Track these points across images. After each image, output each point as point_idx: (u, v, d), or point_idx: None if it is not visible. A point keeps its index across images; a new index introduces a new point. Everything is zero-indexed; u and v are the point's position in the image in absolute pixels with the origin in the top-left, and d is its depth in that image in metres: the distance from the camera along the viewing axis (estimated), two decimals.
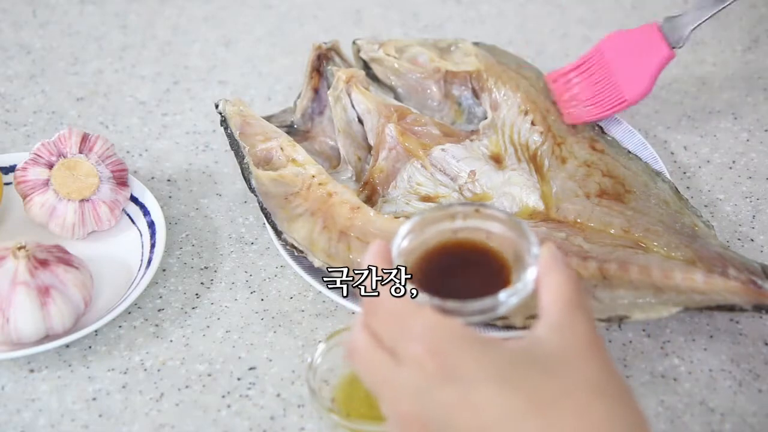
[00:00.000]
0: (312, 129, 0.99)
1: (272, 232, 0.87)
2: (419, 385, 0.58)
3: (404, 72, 1.01)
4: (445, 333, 0.59)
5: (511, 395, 0.57)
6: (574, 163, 0.91)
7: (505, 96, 0.97)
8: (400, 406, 0.59)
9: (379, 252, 0.65)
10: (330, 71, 0.97)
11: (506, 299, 0.63)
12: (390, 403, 0.60)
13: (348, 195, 0.87)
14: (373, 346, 0.61)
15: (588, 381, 0.58)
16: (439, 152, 0.92)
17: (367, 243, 0.83)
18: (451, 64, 1.00)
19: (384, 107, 0.94)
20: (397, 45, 1.03)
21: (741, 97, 1.07)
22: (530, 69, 1.01)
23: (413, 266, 0.67)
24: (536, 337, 0.60)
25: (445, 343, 0.59)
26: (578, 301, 0.61)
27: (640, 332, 0.82)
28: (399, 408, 0.59)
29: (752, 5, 1.22)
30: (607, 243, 0.83)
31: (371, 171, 0.92)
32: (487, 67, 0.99)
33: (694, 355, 0.81)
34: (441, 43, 1.04)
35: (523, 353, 0.59)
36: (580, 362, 0.59)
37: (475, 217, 0.68)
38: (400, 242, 0.67)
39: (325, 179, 0.88)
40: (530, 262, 0.64)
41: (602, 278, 0.80)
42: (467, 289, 0.65)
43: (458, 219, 0.69)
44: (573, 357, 0.59)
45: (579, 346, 0.59)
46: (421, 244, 0.68)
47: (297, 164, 0.90)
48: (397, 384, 0.59)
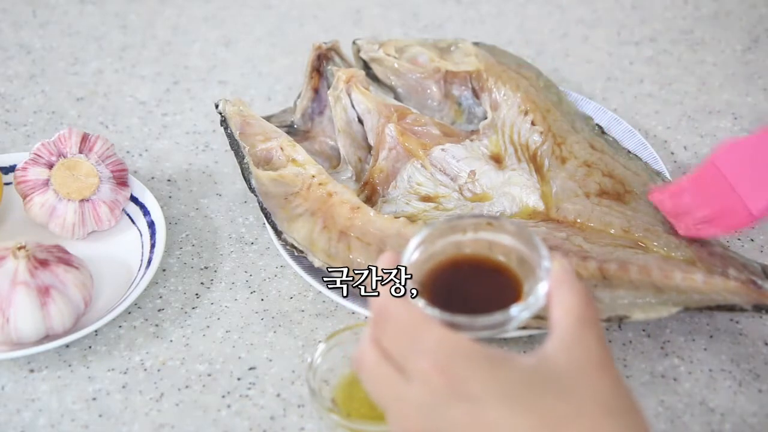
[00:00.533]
0: (312, 129, 0.99)
1: (272, 232, 0.87)
2: (427, 402, 0.58)
3: (404, 72, 1.01)
4: (454, 349, 0.58)
5: (522, 415, 0.56)
6: (574, 163, 0.91)
7: (505, 96, 0.97)
8: (407, 422, 0.59)
9: (389, 263, 0.64)
10: (330, 71, 0.97)
11: (518, 314, 0.62)
12: (397, 419, 0.60)
13: (348, 195, 0.87)
14: (381, 361, 0.60)
15: (598, 400, 0.58)
16: (439, 152, 0.92)
17: (367, 243, 0.83)
18: (451, 64, 1.00)
19: (384, 107, 0.94)
20: (397, 45, 1.03)
21: (741, 97, 1.07)
22: (530, 69, 1.01)
23: (423, 279, 0.66)
24: (546, 355, 0.59)
25: (454, 359, 0.58)
26: (589, 318, 0.60)
27: (640, 332, 0.82)
28: (406, 424, 0.59)
29: (752, 5, 1.22)
30: (607, 243, 0.83)
31: (371, 171, 0.92)
32: (487, 67, 0.99)
33: (694, 355, 0.81)
34: (441, 43, 1.04)
35: (533, 372, 0.58)
36: (590, 381, 0.58)
37: (487, 229, 0.68)
38: (411, 255, 0.66)
39: (325, 179, 0.88)
40: (542, 276, 0.63)
41: (602, 278, 0.80)
42: (477, 303, 0.64)
43: (469, 232, 0.68)
44: (583, 375, 0.58)
45: (589, 364, 0.59)
46: (432, 256, 0.67)
47: (297, 164, 0.90)
48: (404, 400, 0.59)
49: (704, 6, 1.23)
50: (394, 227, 0.84)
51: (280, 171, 0.89)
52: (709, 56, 1.14)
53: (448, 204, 0.90)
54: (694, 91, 1.09)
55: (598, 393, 0.58)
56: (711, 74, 1.11)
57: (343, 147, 0.95)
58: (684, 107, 1.07)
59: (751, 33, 1.17)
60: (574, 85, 1.10)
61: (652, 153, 0.95)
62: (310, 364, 0.73)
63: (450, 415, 0.57)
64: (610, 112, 1.00)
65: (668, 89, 1.09)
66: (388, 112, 0.94)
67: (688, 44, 1.16)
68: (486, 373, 0.57)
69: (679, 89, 1.09)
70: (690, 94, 1.08)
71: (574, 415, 0.57)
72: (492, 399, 0.57)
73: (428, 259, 0.67)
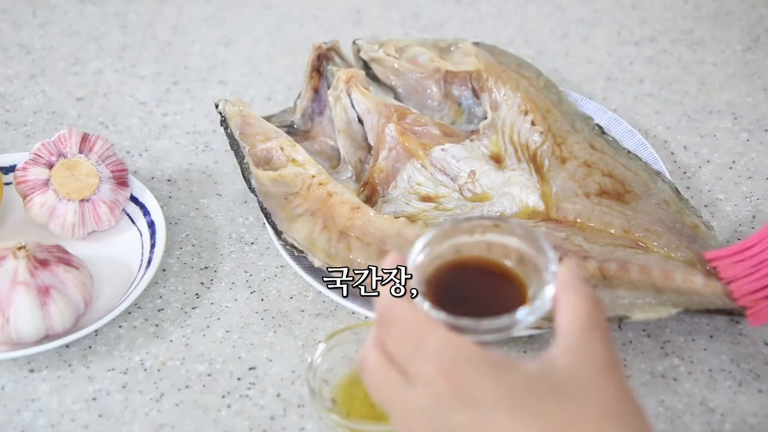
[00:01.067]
0: (312, 129, 0.99)
1: (272, 232, 0.87)
2: (431, 406, 0.58)
3: (404, 72, 1.01)
4: (458, 353, 0.58)
5: (526, 422, 0.56)
6: (574, 163, 0.91)
7: (505, 96, 0.97)
8: (411, 425, 0.59)
9: (393, 264, 0.63)
10: (330, 71, 0.97)
11: (524, 318, 0.62)
12: (401, 422, 0.59)
13: (348, 195, 0.87)
14: (385, 364, 0.60)
15: (603, 406, 0.57)
16: (439, 152, 0.92)
17: (367, 243, 0.83)
18: (451, 64, 1.00)
19: (384, 107, 0.94)
20: (397, 45, 1.03)
21: (741, 97, 1.07)
22: (530, 69, 1.01)
23: (429, 280, 0.66)
24: (551, 360, 0.59)
25: (458, 363, 0.57)
26: (596, 322, 0.60)
27: (640, 332, 0.82)
28: (410, 426, 0.59)
29: (752, 5, 1.22)
30: (607, 243, 0.83)
31: (371, 171, 0.92)
32: (487, 67, 0.99)
33: (694, 355, 0.81)
34: (441, 43, 1.04)
35: (537, 377, 0.58)
36: (595, 387, 0.58)
37: (495, 231, 0.67)
38: (416, 257, 0.65)
39: (325, 179, 0.88)
40: (548, 279, 0.62)
41: (602, 278, 0.80)
42: (481, 305, 0.64)
43: (477, 233, 0.67)
44: (588, 381, 0.58)
45: (594, 370, 0.58)
46: (437, 258, 0.67)
47: (297, 164, 0.90)
48: (408, 403, 0.59)
49: (704, 6, 1.23)
50: (394, 227, 0.84)
51: (280, 171, 0.89)
52: (709, 56, 1.14)
53: (448, 204, 0.90)
54: (694, 91, 1.09)
55: (602, 398, 0.58)
56: (711, 74, 1.11)
57: (343, 147, 0.95)
58: (684, 107, 1.06)
59: (751, 33, 1.17)
60: (574, 85, 1.10)
61: (652, 153, 0.95)
62: (310, 364, 0.73)
63: (453, 419, 0.57)
64: (610, 112, 1.00)
65: (668, 89, 1.09)
66: (388, 112, 0.94)
67: (688, 44, 1.16)
68: (490, 378, 0.57)
69: (679, 89, 1.09)
70: (690, 94, 1.08)
71: (576, 423, 0.56)
72: (496, 405, 0.56)
73: (434, 260, 0.66)
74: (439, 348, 0.58)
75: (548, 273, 0.63)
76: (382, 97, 0.97)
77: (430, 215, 0.89)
